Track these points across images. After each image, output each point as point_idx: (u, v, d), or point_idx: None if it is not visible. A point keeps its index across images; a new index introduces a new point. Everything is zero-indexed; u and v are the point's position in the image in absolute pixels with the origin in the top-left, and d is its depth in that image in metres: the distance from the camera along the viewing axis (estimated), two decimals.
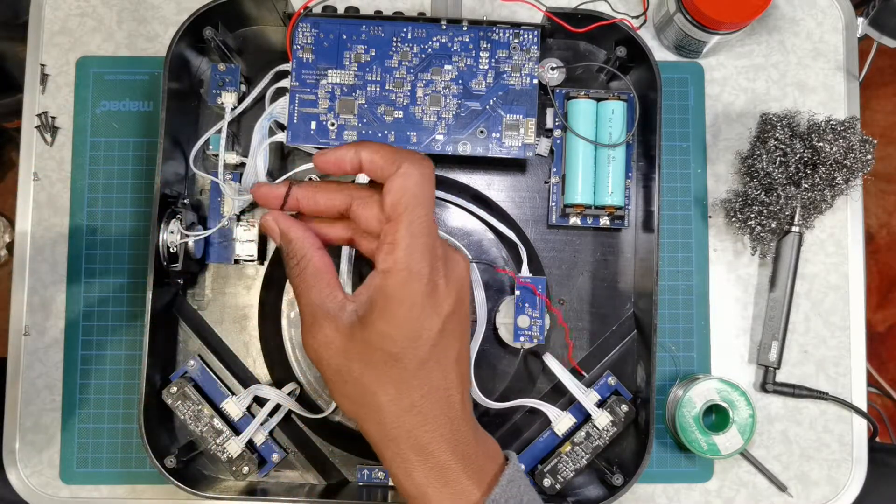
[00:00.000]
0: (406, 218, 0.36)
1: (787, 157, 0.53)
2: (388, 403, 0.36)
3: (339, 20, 0.52)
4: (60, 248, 0.56)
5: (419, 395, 0.36)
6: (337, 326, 0.37)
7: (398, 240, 0.36)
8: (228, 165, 0.54)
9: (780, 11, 0.58)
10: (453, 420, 0.37)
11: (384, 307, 0.36)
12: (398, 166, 0.36)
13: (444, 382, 0.37)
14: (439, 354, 0.37)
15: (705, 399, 0.53)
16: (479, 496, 0.37)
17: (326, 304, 0.37)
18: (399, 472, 0.37)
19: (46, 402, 0.55)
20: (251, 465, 0.52)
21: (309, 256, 0.38)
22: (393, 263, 0.36)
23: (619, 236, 0.55)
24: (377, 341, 0.36)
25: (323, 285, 0.38)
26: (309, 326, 0.38)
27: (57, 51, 0.57)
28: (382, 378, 0.36)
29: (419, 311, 0.36)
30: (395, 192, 0.36)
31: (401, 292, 0.36)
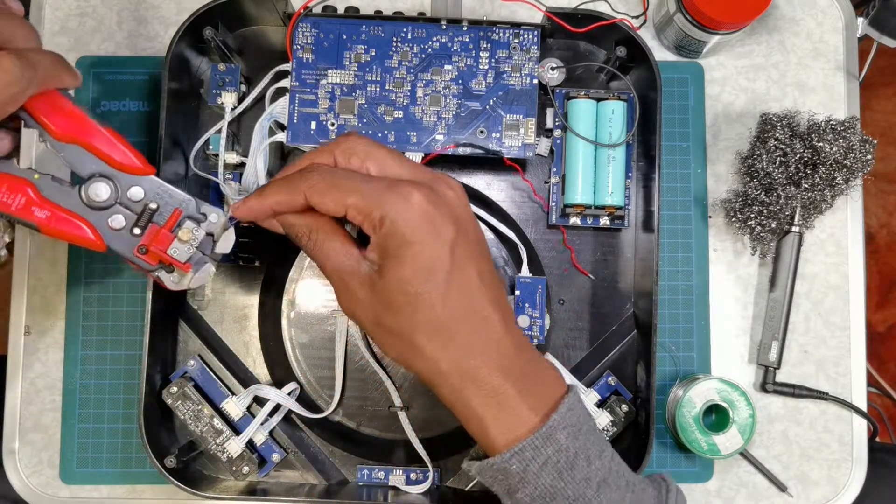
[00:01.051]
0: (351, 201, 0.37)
1: (787, 157, 0.53)
2: (427, 341, 0.37)
3: (339, 20, 0.52)
4: (60, 248, 0.56)
5: (454, 325, 0.37)
6: (360, 282, 0.38)
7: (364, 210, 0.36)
8: (228, 165, 0.54)
9: (780, 11, 0.58)
10: (498, 342, 0.37)
11: (390, 256, 0.36)
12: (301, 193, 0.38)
13: (476, 306, 0.37)
14: (459, 280, 0.37)
15: (705, 399, 0.53)
16: (537, 421, 0.37)
17: (346, 264, 0.38)
18: (458, 405, 0.38)
19: (46, 402, 0.55)
20: (251, 465, 0.52)
21: (315, 227, 0.39)
22: (378, 221, 0.36)
23: (619, 236, 0.55)
24: (396, 287, 0.36)
25: (338, 246, 0.39)
26: (340, 291, 0.39)
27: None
28: (413, 320, 0.37)
29: (421, 246, 0.36)
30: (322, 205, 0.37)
31: (397, 238, 0.36)
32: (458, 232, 0.37)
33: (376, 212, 0.36)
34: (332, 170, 0.39)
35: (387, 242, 0.37)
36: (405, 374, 0.55)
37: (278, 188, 0.39)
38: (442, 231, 0.37)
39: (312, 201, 0.38)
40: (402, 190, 0.37)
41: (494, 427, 0.37)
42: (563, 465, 0.37)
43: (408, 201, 0.36)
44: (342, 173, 0.38)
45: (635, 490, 0.39)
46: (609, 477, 0.38)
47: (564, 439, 0.37)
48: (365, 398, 0.55)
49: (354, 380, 0.55)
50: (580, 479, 0.37)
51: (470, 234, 0.38)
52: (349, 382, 0.55)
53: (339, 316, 0.54)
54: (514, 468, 0.37)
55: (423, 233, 0.36)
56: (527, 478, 0.37)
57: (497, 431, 0.37)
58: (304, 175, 0.38)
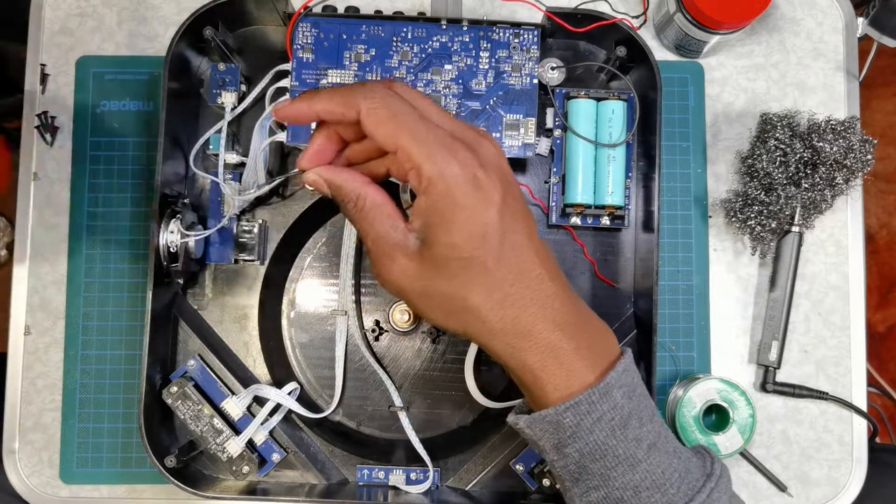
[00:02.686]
0: (405, 142, 0.35)
1: (787, 157, 0.53)
2: (483, 302, 0.36)
3: (339, 20, 0.52)
4: (60, 248, 0.56)
5: (508, 284, 0.36)
6: (407, 253, 0.37)
7: (415, 161, 0.35)
8: (228, 165, 0.54)
9: (780, 11, 0.58)
10: (551, 297, 0.37)
11: (439, 223, 0.36)
12: (357, 110, 0.36)
13: (527, 265, 0.37)
14: (511, 241, 0.37)
15: (705, 399, 0.53)
16: (593, 378, 0.37)
17: (392, 235, 0.37)
18: (512, 362, 0.38)
19: (46, 402, 0.55)
20: (251, 465, 0.52)
21: (363, 193, 0.38)
22: (427, 181, 0.35)
23: (619, 236, 0.55)
24: (448, 253, 0.36)
25: (385, 217, 0.38)
26: (381, 260, 0.38)
27: (57, 51, 0.57)
28: (468, 283, 0.36)
29: (472, 211, 0.35)
30: (375, 132, 0.36)
31: (446, 202, 0.35)
32: (505, 193, 0.36)
33: (428, 167, 0.35)
34: (395, 97, 0.36)
35: (436, 205, 0.36)
36: (405, 374, 0.55)
37: (333, 96, 0.37)
38: (492, 194, 0.36)
39: (367, 122, 0.36)
40: (454, 149, 0.36)
41: (550, 382, 0.37)
42: (617, 423, 0.37)
43: (461, 162, 0.35)
44: (405, 107, 0.36)
45: (682, 457, 0.39)
46: (658, 441, 0.38)
47: (620, 398, 0.37)
48: (365, 398, 0.55)
49: (354, 380, 0.55)
50: (632, 439, 0.37)
51: (515, 193, 0.38)
52: (349, 382, 0.55)
53: (340, 316, 0.54)
54: (567, 421, 0.37)
55: (474, 196, 0.35)
56: (579, 432, 0.37)
57: (552, 386, 0.37)
58: (365, 91, 0.36)
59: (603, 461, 0.37)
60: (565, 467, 0.38)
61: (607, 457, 0.37)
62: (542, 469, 0.52)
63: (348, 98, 0.36)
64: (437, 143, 0.35)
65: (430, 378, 0.55)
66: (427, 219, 0.36)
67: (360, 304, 0.56)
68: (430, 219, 0.36)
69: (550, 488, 0.51)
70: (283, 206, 0.55)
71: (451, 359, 0.55)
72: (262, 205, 0.55)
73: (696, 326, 0.56)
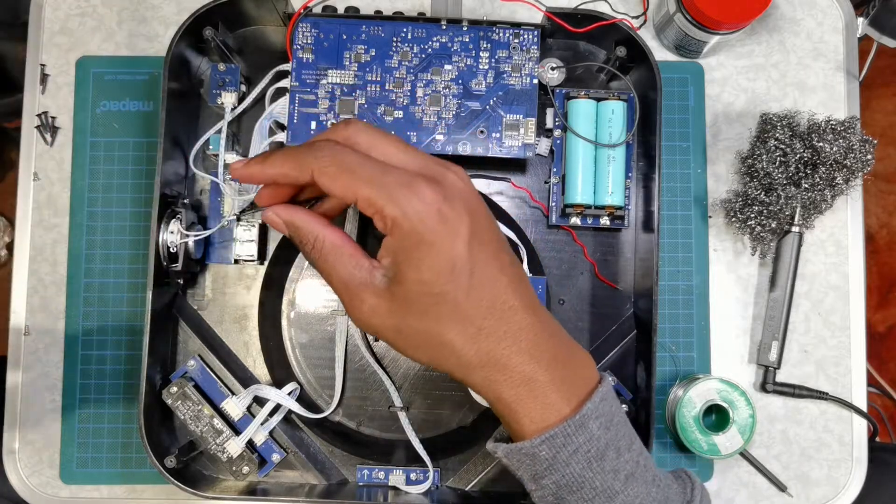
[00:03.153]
0: (362, 191, 0.35)
1: (787, 157, 0.53)
2: (456, 337, 0.36)
3: (339, 20, 0.52)
4: (60, 248, 0.56)
5: (481, 317, 0.36)
6: (375, 292, 0.37)
7: (376, 205, 0.35)
8: (228, 165, 0.54)
9: (780, 11, 0.58)
10: (525, 329, 0.37)
11: (407, 260, 0.35)
12: (309, 171, 0.36)
13: (499, 297, 0.36)
14: (481, 273, 0.36)
15: (705, 399, 0.53)
16: (569, 411, 0.37)
17: (356, 275, 0.37)
18: (489, 394, 0.37)
19: (46, 402, 0.55)
20: (251, 465, 0.52)
21: (321, 235, 0.38)
22: (391, 222, 0.35)
23: (619, 236, 0.55)
24: (418, 290, 0.36)
25: (346, 258, 0.37)
26: (350, 302, 0.37)
27: (57, 51, 0.57)
28: (440, 318, 0.36)
29: (439, 246, 0.35)
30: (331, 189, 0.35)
31: (412, 239, 0.35)
32: (473, 225, 0.36)
33: (390, 209, 0.35)
34: (344, 151, 0.36)
35: (402, 243, 0.35)
36: (405, 374, 0.55)
37: (285, 158, 0.37)
38: (458, 227, 0.35)
39: (321, 182, 0.36)
40: (414, 186, 0.35)
41: (525, 414, 0.37)
42: (594, 455, 0.37)
43: (422, 199, 0.35)
44: (356, 158, 0.36)
45: (661, 485, 0.39)
46: (637, 470, 0.38)
47: (596, 429, 0.37)
48: (365, 398, 0.55)
49: (354, 380, 0.55)
50: (609, 471, 0.37)
51: (484, 224, 0.37)
52: (349, 382, 0.55)
53: (340, 316, 0.54)
54: (543, 454, 0.37)
55: (440, 231, 0.35)
56: (555, 465, 0.37)
57: (528, 418, 0.37)
58: (314, 151, 0.36)
59: (580, 493, 0.37)
60: (543, 497, 0.38)
61: (584, 489, 0.37)
62: None
63: (300, 161, 0.36)
64: (396, 183, 0.35)
65: (430, 378, 0.55)
66: (395, 257, 0.36)
67: None
68: (398, 257, 0.36)
69: None
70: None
71: None
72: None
73: (696, 326, 0.56)
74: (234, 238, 0.54)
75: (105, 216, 0.56)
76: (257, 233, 0.54)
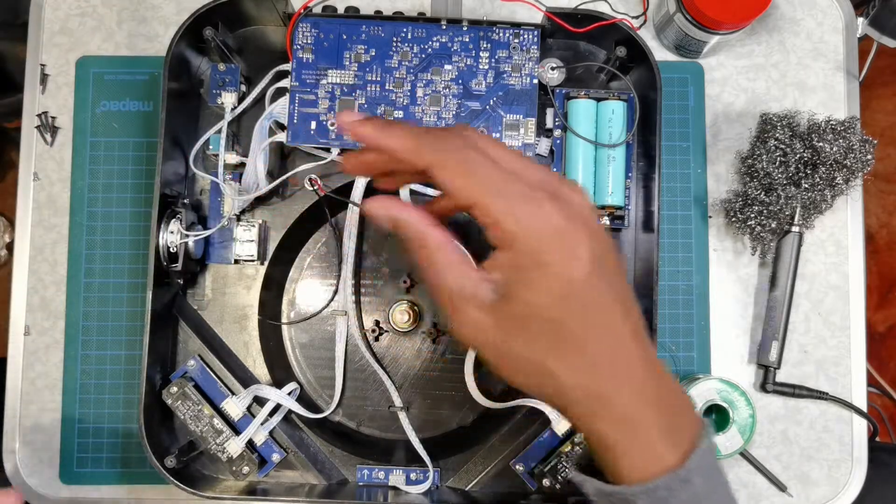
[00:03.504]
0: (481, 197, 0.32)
1: (787, 157, 0.53)
2: (562, 366, 0.33)
3: (339, 20, 0.52)
4: (60, 248, 0.56)
5: (590, 349, 0.33)
6: (481, 306, 0.34)
7: (494, 215, 0.32)
8: (228, 165, 0.54)
9: (780, 11, 0.58)
10: (635, 365, 0.34)
11: (521, 279, 0.33)
12: (425, 161, 0.33)
13: (612, 327, 0.34)
14: (597, 302, 0.33)
15: (705, 399, 0.53)
16: (674, 461, 0.33)
17: (464, 286, 0.34)
18: (587, 428, 0.34)
19: (46, 402, 0.55)
20: (251, 465, 0.52)
21: (430, 237, 0.35)
22: (509, 236, 0.32)
23: (619, 236, 0.55)
24: (529, 312, 0.33)
25: (454, 265, 0.34)
26: (454, 313, 0.35)
27: (57, 51, 0.57)
28: (547, 345, 0.33)
29: (556, 268, 0.32)
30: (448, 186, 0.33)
31: (529, 258, 0.33)
32: (593, 249, 0.33)
33: (509, 223, 0.32)
34: (469, 150, 0.34)
35: (518, 260, 0.33)
36: (405, 374, 0.55)
37: (408, 136, 0.34)
38: (578, 250, 0.33)
39: (439, 175, 0.33)
40: (537, 202, 0.33)
41: (626, 457, 0.34)
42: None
43: (544, 216, 0.32)
44: (481, 160, 0.33)
45: None
46: None
47: (700, 484, 0.33)
48: (365, 398, 0.55)
49: (354, 380, 0.55)
50: None
51: (603, 248, 0.34)
52: (349, 382, 0.55)
53: (339, 316, 0.54)
54: None
55: (559, 252, 0.32)
56: None
57: (627, 462, 0.34)
58: (440, 141, 0.34)
59: None
60: None
61: None
62: (542, 469, 0.52)
63: (423, 145, 0.34)
64: (519, 196, 0.33)
65: (430, 378, 0.55)
66: (507, 274, 0.33)
67: (360, 304, 0.56)
68: (511, 274, 0.33)
69: (551, 489, 0.51)
70: (283, 206, 0.55)
71: (451, 359, 0.55)
72: (262, 205, 0.55)
73: (696, 326, 0.56)
74: (234, 238, 0.54)
75: (105, 216, 0.56)
76: (257, 233, 0.54)
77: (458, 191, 0.33)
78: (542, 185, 0.34)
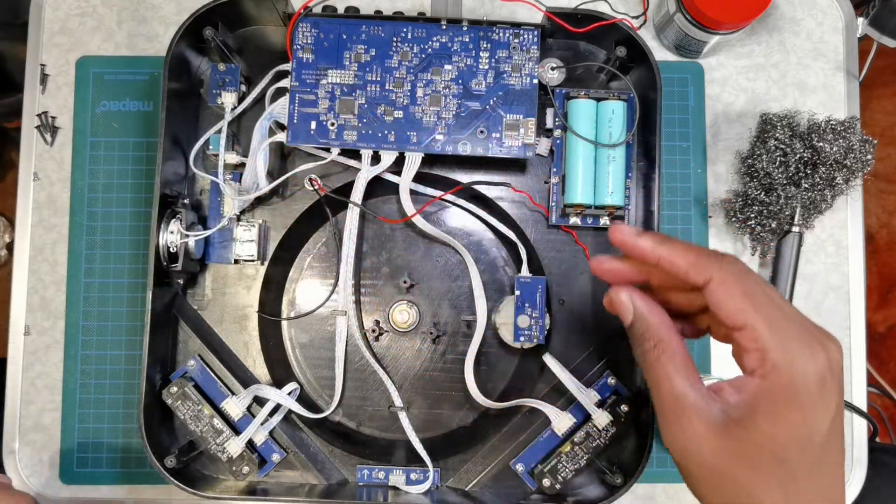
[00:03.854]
0: (756, 322, 0.33)
1: (787, 157, 0.53)
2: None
3: (339, 20, 0.52)
4: (60, 248, 0.56)
5: (806, 498, 0.34)
6: (707, 422, 0.34)
7: (763, 343, 0.33)
8: (228, 165, 0.54)
9: (780, 11, 0.58)
10: None
11: (768, 411, 0.33)
12: (708, 276, 0.34)
13: (832, 487, 0.34)
14: (828, 455, 0.34)
15: None
16: None
17: (692, 396, 0.35)
18: None
19: (46, 402, 0.55)
20: (251, 465, 0.52)
21: (668, 341, 0.36)
22: (771, 367, 0.33)
23: None
24: (762, 443, 0.33)
25: (684, 373, 0.35)
26: (673, 417, 0.35)
27: (57, 51, 0.57)
28: (769, 481, 0.33)
29: (809, 412, 0.33)
30: (723, 303, 0.34)
31: (785, 394, 0.33)
32: (839, 405, 0.34)
33: (777, 354, 0.33)
34: (751, 274, 0.35)
35: (772, 392, 0.33)
36: (405, 374, 0.55)
37: (687, 250, 0.35)
38: (830, 403, 0.33)
39: (715, 292, 0.34)
40: (810, 344, 0.33)
41: None
42: None
43: (814, 360, 0.33)
44: (760, 286, 0.34)
45: None
46: None
47: None
48: (365, 398, 0.55)
49: (354, 380, 0.55)
50: None
51: (842, 408, 0.35)
52: (349, 382, 0.55)
53: (339, 316, 0.54)
54: None
55: (816, 400, 0.33)
56: None
57: None
58: (719, 260, 0.35)
59: None
60: None
61: None
62: (542, 469, 0.52)
63: (702, 259, 0.35)
64: (794, 335, 0.34)
65: (430, 378, 0.55)
66: (753, 400, 0.34)
67: (360, 304, 0.56)
68: (758, 402, 0.33)
69: (551, 489, 0.51)
70: (283, 206, 0.55)
71: (451, 359, 0.55)
72: (262, 205, 0.55)
73: None
74: (234, 238, 0.54)
75: (105, 216, 0.56)
76: (257, 233, 0.54)
77: (734, 311, 0.34)
78: (811, 330, 0.35)
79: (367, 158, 0.52)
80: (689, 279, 0.35)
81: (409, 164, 0.52)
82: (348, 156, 0.53)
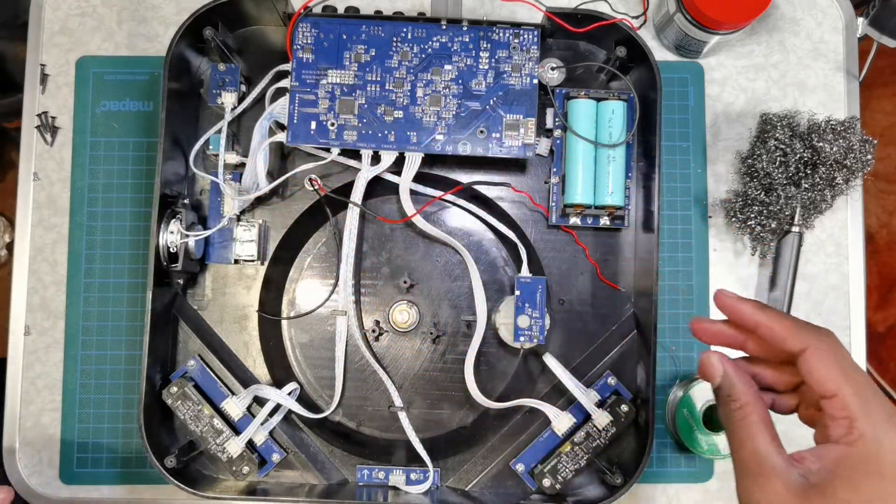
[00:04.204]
0: (846, 392, 0.35)
1: (787, 157, 0.53)
2: None
3: (339, 20, 0.52)
4: (60, 248, 0.56)
5: None
6: (787, 483, 0.36)
7: (853, 413, 0.35)
8: (228, 165, 0.54)
9: (780, 11, 0.58)
10: None
11: (849, 478, 0.35)
12: (803, 346, 0.36)
13: None
14: None
15: (705, 399, 0.53)
16: None
17: (773, 458, 0.37)
18: None
19: (46, 402, 0.55)
20: (251, 465, 0.52)
21: (754, 404, 0.38)
22: (857, 436, 0.35)
23: (619, 236, 0.55)
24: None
25: (766, 436, 0.37)
26: (754, 476, 0.37)
27: (57, 51, 0.57)
28: None
29: (887, 485, 0.34)
30: (816, 372, 0.36)
31: (867, 464, 0.34)
32: None
33: (865, 425, 0.35)
34: (843, 347, 0.37)
35: (855, 462, 0.35)
36: (405, 374, 0.55)
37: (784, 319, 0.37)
38: None
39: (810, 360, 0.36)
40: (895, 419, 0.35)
41: None
42: None
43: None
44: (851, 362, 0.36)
45: None
46: None
47: None
48: (365, 398, 0.55)
49: (354, 380, 0.55)
50: None
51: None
52: (349, 382, 0.55)
53: (339, 316, 0.54)
54: None
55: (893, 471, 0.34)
56: None
57: None
58: (816, 331, 0.37)
59: None
60: None
61: None
62: (542, 469, 0.52)
63: (799, 329, 0.37)
64: (880, 408, 0.35)
65: (430, 378, 0.55)
66: (833, 466, 0.35)
67: (360, 304, 0.56)
68: (838, 469, 0.35)
69: (551, 489, 0.51)
70: (283, 206, 0.55)
71: (451, 359, 0.55)
72: (262, 205, 0.55)
73: None
74: (234, 238, 0.54)
75: (105, 216, 0.56)
76: (257, 233, 0.54)
77: (827, 378, 0.35)
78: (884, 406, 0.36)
79: (367, 158, 0.52)
80: (786, 346, 0.37)
81: (409, 164, 0.52)
82: (348, 156, 0.53)
